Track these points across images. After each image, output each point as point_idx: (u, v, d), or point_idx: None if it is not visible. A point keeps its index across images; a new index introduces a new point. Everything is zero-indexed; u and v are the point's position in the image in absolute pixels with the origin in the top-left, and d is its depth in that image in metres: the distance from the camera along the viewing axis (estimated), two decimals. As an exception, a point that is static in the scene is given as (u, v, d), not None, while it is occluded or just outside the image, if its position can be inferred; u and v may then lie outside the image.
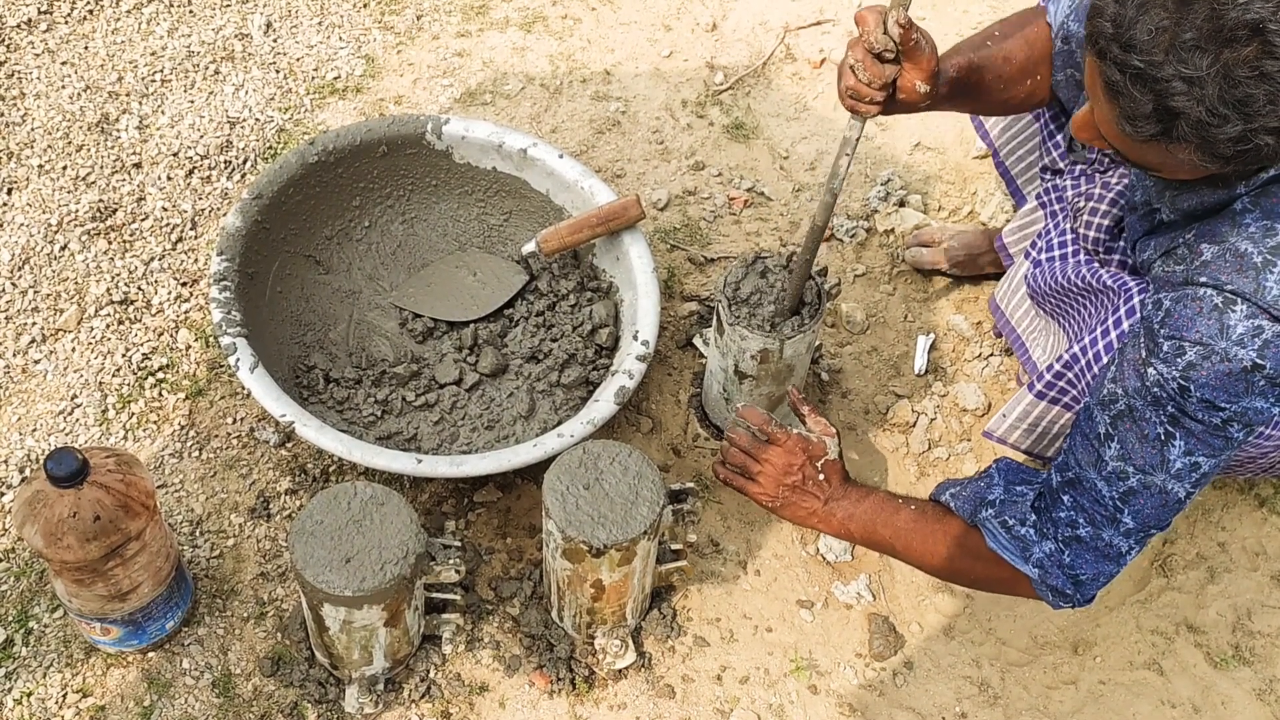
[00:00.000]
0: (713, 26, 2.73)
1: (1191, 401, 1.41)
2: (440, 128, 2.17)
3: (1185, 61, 1.25)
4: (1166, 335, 1.42)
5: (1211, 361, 1.38)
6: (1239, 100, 1.25)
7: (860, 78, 1.57)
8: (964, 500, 1.66)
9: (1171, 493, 1.48)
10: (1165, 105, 1.29)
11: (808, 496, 1.74)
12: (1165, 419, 1.44)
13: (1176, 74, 1.26)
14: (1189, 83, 1.26)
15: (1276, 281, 1.36)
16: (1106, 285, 1.65)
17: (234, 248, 1.99)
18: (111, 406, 2.06)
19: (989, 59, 1.72)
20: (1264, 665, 1.93)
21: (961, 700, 1.89)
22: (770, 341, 1.87)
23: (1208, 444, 1.44)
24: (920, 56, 1.56)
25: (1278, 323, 1.36)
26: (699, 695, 1.86)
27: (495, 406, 2.08)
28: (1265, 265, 1.37)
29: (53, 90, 2.43)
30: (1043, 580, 1.59)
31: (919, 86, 1.59)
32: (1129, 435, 1.47)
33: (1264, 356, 1.37)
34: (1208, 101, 1.26)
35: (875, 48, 1.54)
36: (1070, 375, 1.67)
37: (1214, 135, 1.28)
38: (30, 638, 1.82)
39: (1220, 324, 1.38)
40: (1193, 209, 1.49)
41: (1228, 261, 1.39)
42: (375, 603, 1.64)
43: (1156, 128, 1.31)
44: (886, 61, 1.56)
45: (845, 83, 1.59)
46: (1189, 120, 1.28)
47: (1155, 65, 1.27)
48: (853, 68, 1.57)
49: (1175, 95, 1.27)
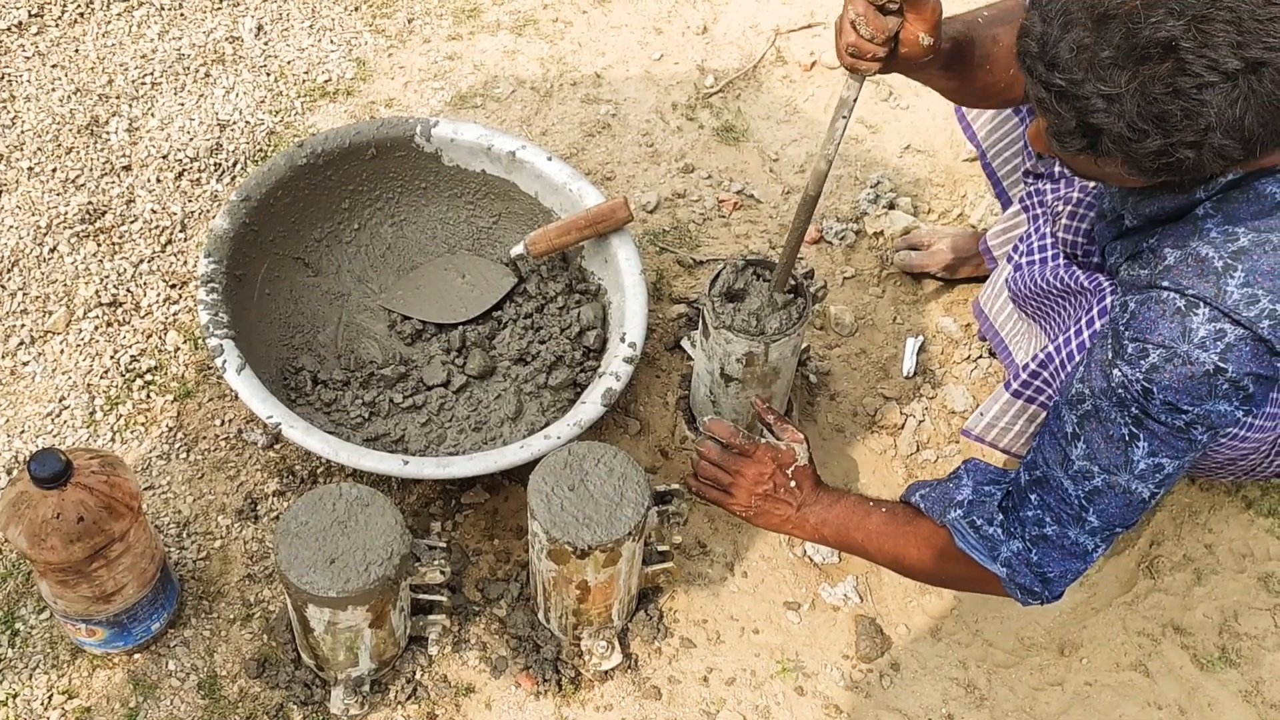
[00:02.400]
0: (703, 30, 2.73)
1: (1154, 403, 1.41)
2: (429, 130, 2.17)
3: (1104, 79, 1.28)
4: (1131, 337, 1.42)
5: (1174, 364, 1.39)
6: (1157, 116, 1.27)
7: (862, 32, 1.49)
8: (933, 501, 1.68)
9: (1136, 493, 1.49)
10: (1087, 121, 1.31)
11: (780, 504, 1.76)
12: (1129, 420, 1.45)
13: (1096, 91, 1.29)
14: (1108, 100, 1.29)
15: (1238, 286, 1.37)
16: (1083, 286, 1.66)
17: (222, 250, 1.99)
18: (99, 408, 2.06)
19: (980, 35, 1.68)
20: (1250, 667, 1.94)
21: (948, 702, 1.89)
22: (756, 345, 1.87)
23: (1171, 445, 1.45)
24: (924, 5, 1.48)
25: (1239, 326, 1.37)
26: (685, 697, 1.86)
27: (483, 408, 2.08)
28: (1226, 270, 1.38)
29: (42, 93, 2.43)
30: (1010, 579, 1.60)
31: (923, 39, 1.50)
32: (1095, 435, 1.48)
33: (1226, 360, 1.38)
34: (1127, 118, 1.28)
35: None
36: (1045, 374, 1.68)
37: (1136, 150, 1.31)
38: (16, 639, 1.82)
39: (1183, 327, 1.38)
40: (1155, 214, 1.50)
41: (1189, 266, 1.40)
42: (360, 604, 1.64)
43: (1083, 142, 1.34)
44: (889, 13, 1.48)
45: (845, 39, 1.51)
46: (1111, 135, 1.31)
47: (1076, 83, 1.30)
48: (854, 23, 1.49)
49: (1096, 112, 1.30)
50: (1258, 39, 1.23)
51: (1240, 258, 1.38)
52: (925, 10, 1.49)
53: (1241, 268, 1.38)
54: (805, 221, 1.76)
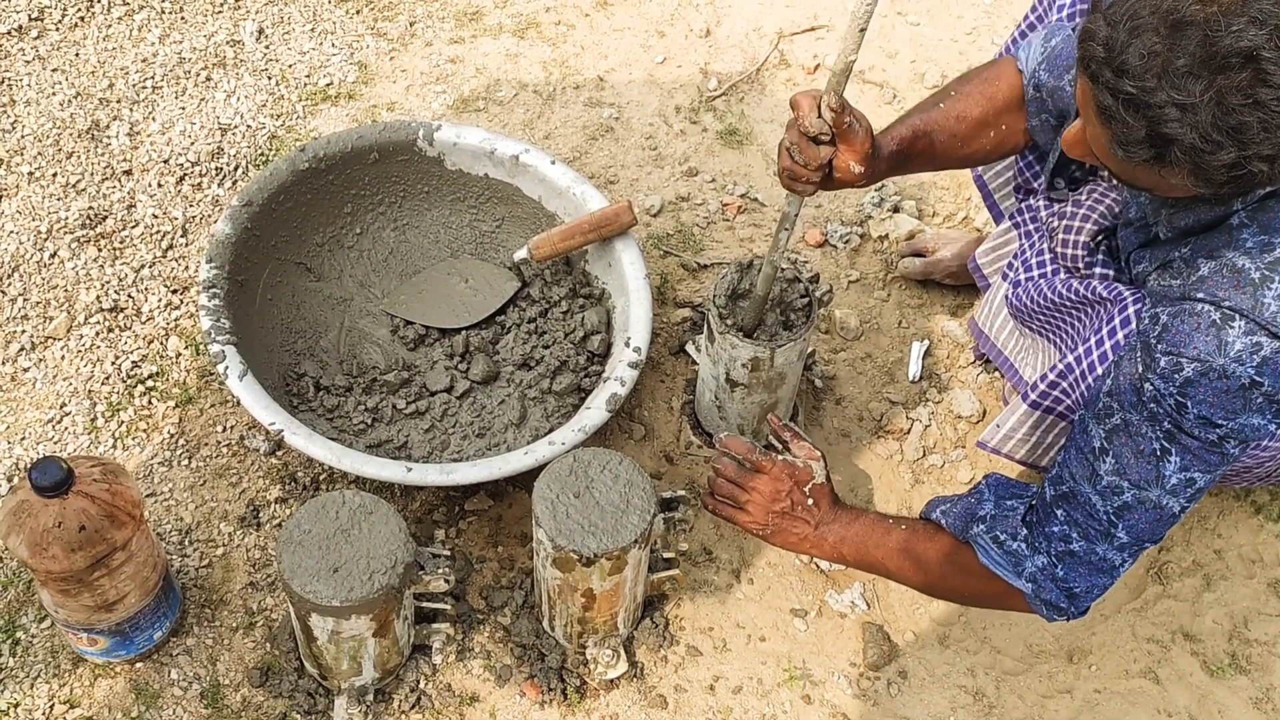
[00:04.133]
0: (706, 33, 2.72)
1: (1189, 418, 1.39)
2: (432, 134, 2.16)
3: (1178, 88, 1.24)
4: (1164, 351, 1.40)
5: (1209, 378, 1.36)
6: (1233, 127, 1.23)
7: (796, 159, 1.61)
8: (955, 517, 1.65)
9: (1166, 507, 1.47)
10: (1158, 131, 1.27)
11: (798, 522, 1.74)
12: (1161, 434, 1.42)
13: (1169, 100, 1.24)
14: (1182, 109, 1.24)
15: (1274, 297, 1.34)
16: (1101, 296, 1.63)
17: (224, 255, 1.98)
18: (101, 415, 2.05)
19: (939, 121, 1.75)
20: (1260, 674, 1.92)
21: (956, 710, 1.87)
22: (761, 350, 1.86)
23: (1204, 460, 1.43)
24: (854, 139, 1.60)
25: (1276, 339, 1.34)
26: (691, 705, 1.84)
27: (486, 414, 2.07)
28: (1263, 281, 1.35)
29: (43, 97, 2.42)
30: (1036, 595, 1.58)
31: (853, 167, 1.62)
32: (1124, 450, 1.46)
33: (1262, 374, 1.35)
34: (1201, 128, 1.24)
35: (810, 131, 1.58)
36: (1065, 385, 1.66)
37: (1208, 162, 1.26)
38: (18, 648, 1.81)
39: (1218, 340, 1.36)
40: (1189, 226, 1.47)
41: (1225, 277, 1.38)
42: (363, 613, 1.63)
43: (1150, 153, 1.29)
44: (822, 144, 1.59)
45: (782, 164, 1.63)
46: (1182, 146, 1.26)
47: (1148, 91, 1.25)
48: (789, 150, 1.61)
49: (1169, 121, 1.25)
50: None
51: (1278, 268, 1.36)
52: (855, 142, 1.60)
53: (1279, 279, 1.35)
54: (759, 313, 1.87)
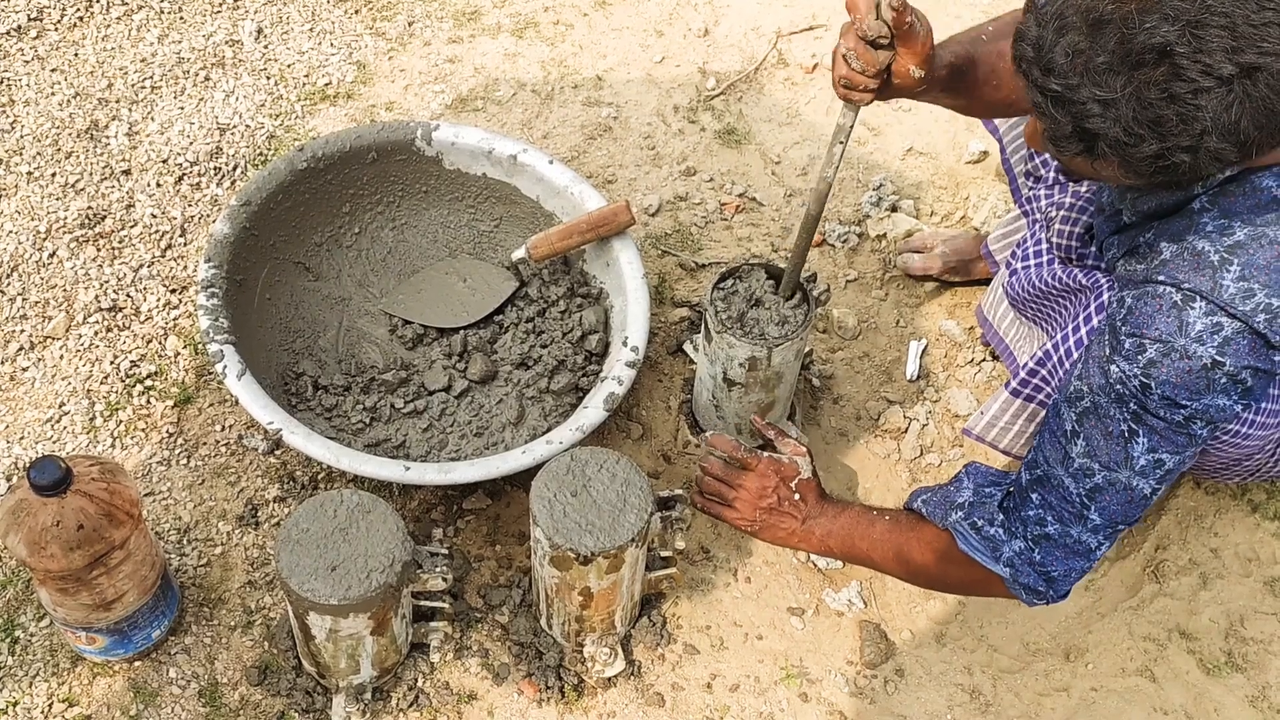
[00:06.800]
0: (705, 32, 2.72)
1: (1153, 399, 1.42)
2: (430, 134, 2.16)
3: (1100, 84, 1.28)
4: (1128, 332, 1.43)
5: (1171, 359, 1.39)
6: (1152, 121, 1.27)
7: (854, 66, 1.52)
8: (934, 505, 1.68)
9: (1137, 489, 1.49)
10: (1083, 126, 1.31)
11: (785, 517, 1.77)
12: (1128, 416, 1.45)
13: (1092, 96, 1.29)
14: (1104, 105, 1.28)
15: (1234, 280, 1.38)
16: (1080, 284, 1.67)
17: (222, 254, 1.99)
18: (99, 414, 2.05)
19: (984, 54, 1.69)
20: (1257, 672, 1.92)
21: (953, 708, 1.88)
22: (758, 349, 1.86)
23: (1171, 441, 1.45)
24: (915, 40, 1.49)
25: (1236, 320, 1.37)
26: (689, 703, 1.85)
27: (484, 413, 2.07)
28: (1222, 264, 1.39)
29: (42, 97, 2.42)
30: (1014, 579, 1.61)
31: (913, 71, 1.52)
32: (1094, 432, 1.48)
33: (1223, 354, 1.38)
34: (1123, 122, 1.28)
35: (868, 34, 1.48)
36: (1044, 372, 1.68)
37: (1132, 154, 1.31)
38: (16, 647, 1.81)
39: (1179, 321, 1.39)
40: (1152, 210, 1.50)
41: (1185, 260, 1.41)
42: (361, 611, 1.63)
43: (1079, 146, 1.34)
44: (880, 48, 1.51)
45: (838, 71, 1.54)
46: (1108, 140, 1.31)
47: (1072, 88, 1.30)
48: (845, 56, 1.52)
49: (1092, 117, 1.30)
50: (1252, 44, 1.23)
51: (1236, 251, 1.39)
52: (916, 44, 1.51)
53: (1237, 261, 1.38)
54: (809, 236, 1.78)
